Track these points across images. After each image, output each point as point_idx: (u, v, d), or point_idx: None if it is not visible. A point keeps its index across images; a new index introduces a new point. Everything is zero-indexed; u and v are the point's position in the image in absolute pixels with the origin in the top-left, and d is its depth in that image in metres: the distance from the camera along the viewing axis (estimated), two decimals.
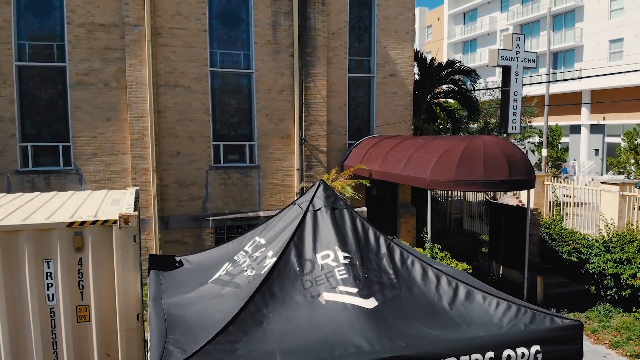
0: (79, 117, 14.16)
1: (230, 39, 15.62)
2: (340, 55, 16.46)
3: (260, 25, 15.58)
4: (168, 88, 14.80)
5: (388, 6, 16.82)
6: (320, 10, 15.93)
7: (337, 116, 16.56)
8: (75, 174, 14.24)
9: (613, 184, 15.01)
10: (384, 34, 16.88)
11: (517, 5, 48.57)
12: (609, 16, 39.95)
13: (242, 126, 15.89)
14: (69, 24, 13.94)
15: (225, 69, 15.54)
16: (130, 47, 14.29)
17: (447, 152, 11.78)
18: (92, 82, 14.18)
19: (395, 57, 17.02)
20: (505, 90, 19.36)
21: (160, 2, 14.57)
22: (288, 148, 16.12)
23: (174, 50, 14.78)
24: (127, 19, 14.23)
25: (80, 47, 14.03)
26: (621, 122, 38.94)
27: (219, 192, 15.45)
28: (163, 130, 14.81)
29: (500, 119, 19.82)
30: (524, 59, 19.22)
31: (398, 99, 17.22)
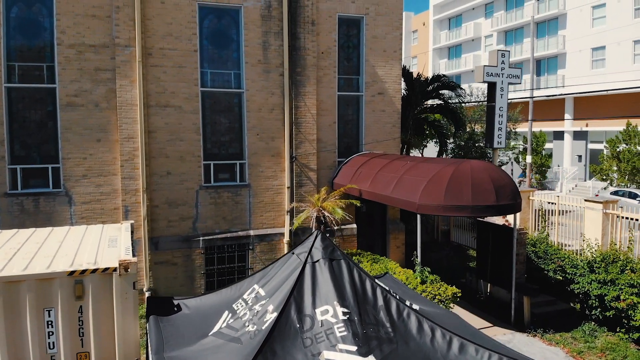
0: (69, 138, 14.15)
1: (221, 59, 15.70)
2: (330, 74, 16.61)
3: (251, 45, 15.67)
4: (159, 108, 14.84)
5: (376, 25, 17.00)
6: (310, 31, 16.06)
7: (326, 134, 16.72)
8: (65, 196, 14.23)
9: (597, 202, 15.30)
10: (372, 53, 17.06)
11: (501, 12, 49.11)
12: (592, 24, 40.59)
13: (232, 145, 15.98)
14: (59, 45, 13.91)
15: (216, 88, 15.62)
16: (121, 67, 14.30)
17: (436, 176, 12.00)
18: (82, 103, 14.17)
19: (384, 75, 17.21)
20: (490, 106, 19.65)
21: (151, 23, 14.60)
22: (278, 166, 16.24)
23: (164, 70, 14.82)
24: (118, 40, 14.24)
25: (70, 68, 14.02)
26: (604, 129, 39.58)
27: (209, 212, 15.52)
28: (153, 151, 14.85)
29: (486, 134, 20.14)
30: (509, 75, 19.52)
31: (386, 116, 17.41)
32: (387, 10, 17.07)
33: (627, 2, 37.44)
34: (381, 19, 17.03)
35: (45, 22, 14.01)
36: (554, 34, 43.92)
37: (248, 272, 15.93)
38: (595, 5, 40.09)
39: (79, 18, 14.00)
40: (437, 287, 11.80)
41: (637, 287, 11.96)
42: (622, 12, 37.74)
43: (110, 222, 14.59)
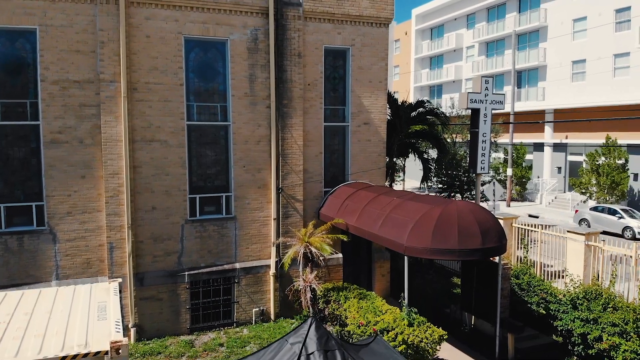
0: (53, 175, 13.98)
1: (208, 92, 15.64)
2: (316, 105, 16.65)
3: (238, 78, 15.64)
4: (144, 143, 14.73)
5: (362, 57, 17.07)
6: (297, 63, 16.07)
7: (313, 164, 16.74)
8: (49, 234, 14.05)
9: (579, 234, 15.53)
10: (358, 84, 17.14)
11: (483, 23, 49.60)
12: (572, 37, 41.21)
13: (219, 177, 15.93)
14: (43, 82, 13.74)
15: (202, 122, 15.56)
16: (106, 103, 14.17)
17: (423, 218, 12.10)
18: (66, 140, 14.01)
19: (369, 105, 17.30)
20: (474, 132, 19.80)
21: (137, 57, 14.49)
22: (265, 198, 16.23)
23: (150, 105, 14.72)
24: (103, 76, 14.10)
25: (54, 105, 13.85)
26: (583, 142, 40.17)
27: (194, 246, 15.45)
28: (139, 186, 14.74)
29: (470, 159, 20.28)
30: (492, 101, 19.68)
31: (372, 146, 17.50)
32: (373, 41, 17.15)
33: (608, 16, 38.08)
34: (367, 50, 17.11)
35: (28, 57, 13.83)
36: (535, 46, 44.50)
37: (234, 306, 15.90)
38: (576, 18, 40.71)
39: (63, 54, 13.84)
40: (424, 329, 11.90)
41: (619, 326, 12.18)
42: (603, 26, 38.36)
43: (95, 259, 14.51)
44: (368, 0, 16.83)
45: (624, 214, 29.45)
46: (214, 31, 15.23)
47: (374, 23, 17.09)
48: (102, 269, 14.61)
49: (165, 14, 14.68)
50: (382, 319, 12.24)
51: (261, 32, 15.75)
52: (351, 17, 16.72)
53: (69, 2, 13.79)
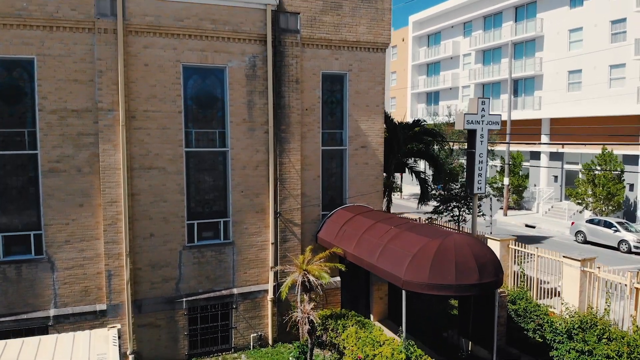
0: (51, 204, 13.99)
1: (206, 118, 15.68)
2: (314, 129, 16.70)
3: (236, 104, 15.68)
4: (142, 171, 14.76)
5: (359, 81, 17.14)
6: (295, 89, 16.13)
7: (311, 188, 16.80)
8: (47, 262, 14.08)
9: (575, 259, 15.63)
10: (356, 108, 17.20)
11: (480, 31, 49.73)
12: (568, 47, 41.36)
13: (217, 203, 15.97)
14: (41, 111, 13.75)
15: (200, 148, 15.60)
16: (104, 132, 14.20)
17: (421, 252, 12.17)
18: (64, 169, 14.03)
19: (367, 129, 17.37)
20: (470, 152, 19.95)
21: (135, 86, 14.51)
22: (263, 222, 16.28)
23: (148, 132, 14.75)
24: (101, 104, 14.12)
25: (52, 134, 13.86)
26: (579, 151, 40.33)
27: (192, 272, 15.49)
28: (137, 213, 14.77)
29: (467, 179, 20.44)
30: (488, 122, 19.82)
31: (369, 169, 17.57)
32: (370, 66, 17.22)
33: (603, 27, 38.24)
34: (364, 74, 17.18)
35: (26, 87, 13.84)
36: (531, 56, 44.65)
37: (232, 332, 15.96)
38: (572, 29, 40.87)
39: (61, 83, 13.86)
40: None
41: (614, 359, 12.28)
42: (599, 37, 38.53)
43: (94, 286, 14.55)
44: (365, 27, 16.89)
45: (619, 227, 29.59)
46: (212, 59, 15.27)
47: (371, 48, 17.16)
48: (100, 297, 14.63)
49: (163, 42, 14.70)
50: (380, 352, 12.31)
51: (259, 59, 15.80)
52: (348, 43, 16.78)
53: (67, 31, 13.80)
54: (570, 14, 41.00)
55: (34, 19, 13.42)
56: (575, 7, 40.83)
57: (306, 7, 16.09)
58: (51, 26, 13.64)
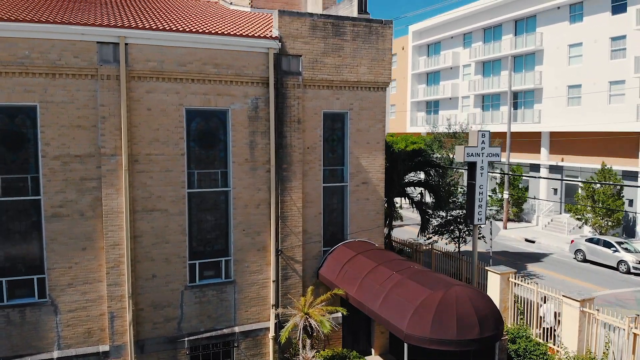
0: (54, 248, 14.11)
1: (208, 159, 15.78)
2: (315, 167, 16.82)
3: (238, 145, 15.79)
4: (145, 213, 14.87)
5: (360, 119, 17.25)
6: (296, 129, 16.23)
7: (312, 225, 16.92)
8: (51, 305, 14.19)
9: (574, 300, 15.76)
10: (356, 145, 17.31)
11: (480, 43, 49.80)
12: (568, 62, 41.45)
13: (218, 241, 16.08)
14: (44, 157, 13.86)
15: (203, 189, 15.71)
16: (107, 176, 14.30)
17: (423, 305, 12.32)
18: (67, 213, 14.14)
19: (367, 165, 17.48)
20: (471, 184, 20.09)
21: (138, 130, 14.62)
22: (264, 260, 16.40)
23: (151, 175, 14.85)
24: (104, 150, 14.23)
25: (55, 180, 13.97)
26: (579, 165, 40.49)
27: (194, 311, 15.61)
28: (139, 255, 14.88)
29: (467, 210, 20.57)
30: (489, 154, 19.96)
31: (370, 204, 17.69)
32: (371, 104, 17.34)
33: (603, 43, 38.34)
34: (365, 112, 17.29)
35: (29, 133, 13.93)
36: (531, 69, 44.73)
37: None
38: (572, 44, 40.97)
39: (64, 129, 13.96)
40: None
41: None
42: (599, 53, 38.63)
43: (97, 328, 14.69)
44: (366, 67, 16.99)
45: (619, 248, 29.71)
46: (215, 102, 15.37)
47: (371, 87, 17.27)
48: (103, 338, 14.76)
49: (166, 87, 14.80)
50: None
51: (262, 101, 15.90)
52: (349, 83, 16.89)
53: (69, 78, 13.90)
54: (570, 29, 41.08)
55: (37, 66, 13.53)
56: (575, 23, 40.91)
57: (308, 50, 16.18)
58: (54, 73, 13.74)
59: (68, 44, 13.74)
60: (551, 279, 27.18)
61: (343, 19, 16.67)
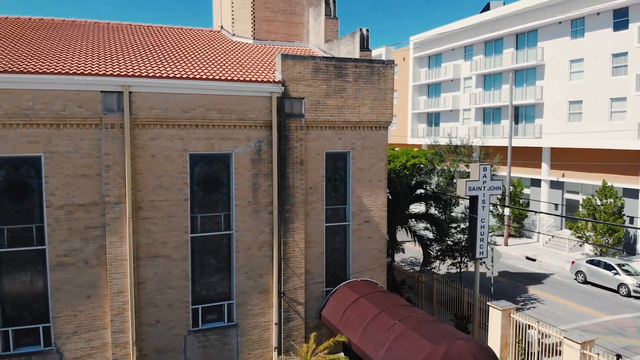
0: (59, 297, 14.18)
1: (212, 203, 15.85)
2: (318, 207, 16.87)
3: (241, 188, 15.85)
4: (148, 259, 14.94)
5: (362, 158, 17.31)
6: (299, 170, 16.29)
7: (314, 265, 16.98)
8: (56, 353, 14.27)
9: (575, 342, 15.79)
10: (359, 184, 17.37)
11: (481, 56, 49.79)
12: (569, 77, 41.43)
13: (221, 285, 16.14)
14: (49, 207, 13.93)
15: (206, 232, 15.77)
16: (111, 225, 14.36)
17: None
18: (72, 262, 14.21)
19: (369, 204, 17.54)
20: (472, 218, 20.15)
21: (142, 177, 14.68)
22: (266, 302, 16.46)
23: (155, 222, 14.92)
24: (108, 198, 14.29)
25: (60, 229, 14.04)
26: (580, 181, 40.53)
27: (197, 356, 15.67)
28: (143, 301, 14.95)
29: (468, 244, 20.62)
30: (490, 188, 20.03)
31: (373, 242, 17.76)
32: (373, 143, 17.39)
33: (605, 60, 38.33)
34: (367, 152, 17.35)
35: (33, 183, 13.99)
36: (532, 84, 44.73)
37: None
38: (573, 59, 40.96)
39: (69, 179, 14.03)
40: None
41: None
42: (600, 69, 38.63)
43: None
44: (368, 107, 17.05)
45: (619, 270, 29.74)
46: (218, 146, 15.44)
47: (373, 127, 17.33)
48: None
49: (170, 134, 14.87)
50: None
51: (265, 143, 15.96)
52: (352, 124, 16.95)
53: (74, 127, 13.96)
54: (571, 45, 41.08)
55: (41, 117, 13.60)
56: (576, 38, 40.92)
57: (311, 92, 16.25)
58: (58, 124, 13.81)
59: (72, 94, 13.80)
60: (552, 303, 27.24)
61: (345, 61, 16.73)
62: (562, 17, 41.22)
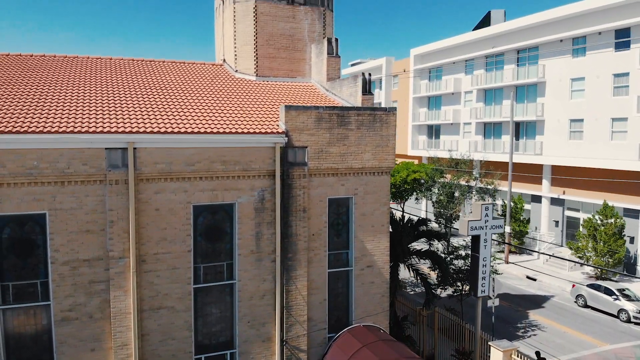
0: (64, 351, 14.25)
1: (214, 252, 15.91)
2: (320, 254, 16.95)
3: (244, 237, 15.92)
4: (152, 312, 15.01)
5: (365, 204, 17.37)
6: (302, 217, 16.36)
7: (317, 312, 17.05)
8: None
9: None
10: (361, 229, 17.44)
11: (481, 70, 49.85)
12: (570, 96, 41.49)
13: (223, 334, 16.21)
14: (53, 263, 13.99)
15: (208, 283, 15.84)
16: (115, 279, 14.43)
17: None
18: (76, 317, 14.28)
19: (372, 249, 17.61)
20: (474, 256, 20.24)
21: (145, 231, 14.75)
22: (269, 351, 16.53)
23: (158, 274, 14.99)
24: (112, 253, 14.36)
25: (64, 285, 14.11)
26: (580, 200, 40.62)
27: None
28: (146, 353, 15.02)
29: (470, 282, 20.71)
30: (492, 226, 20.12)
31: (375, 287, 17.82)
32: (375, 188, 17.45)
33: (606, 79, 38.37)
34: (369, 197, 17.41)
35: (38, 240, 14.05)
36: (533, 100, 44.79)
37: None
38: (575, 78, 41.00)
39: (73, 235, 14.09)
40: None
41: None
42: (601, 89, 38.67)
43: None
44: (370, 153, 17.11)
45: (619, 296, 29.84)
46: (222, 197, 15.51)
47: (376, 172, 17.39)
48: None
49: (174, 187, 14.93)
50: None
51: (268, 192, 16.03)
52: (354, 170, 17.02)
53: (78, 184, 14.03)
54: (572, 63, 41.14)
55: (45, 176, 13.65)
56: (577, 57, 40.98)
57: (314, 141, 16.31)
58: (62, 181, 13.87)
59: (77, 152, 13.86)
60: (552, 330, 27.36)
61: (348, 109, 16.79)
62: (564, 35, 41.26)
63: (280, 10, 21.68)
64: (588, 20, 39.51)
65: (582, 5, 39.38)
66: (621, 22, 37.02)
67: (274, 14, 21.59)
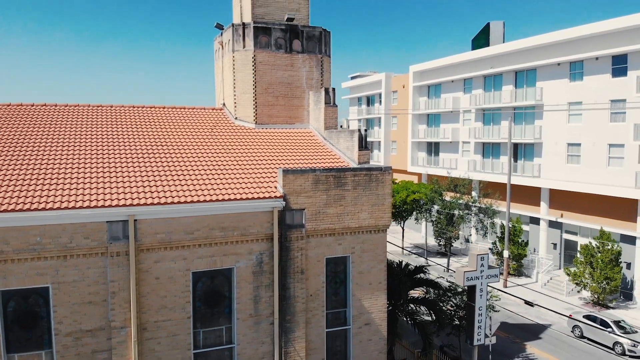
0: None
1: (213, 317, 16.19)
2: (318, 314, 17.22)
3: (243, 301, 16.20)
4: None
5: (362, 262, 17.66)
6: (299, 279, 16.64)
7: None
8: None
9: None
10: (359, 287, 17.72)
11: (480, 90, 50.07)
12: (568, 119, 41.72)
13: None
14: (57, 335, 14.29)
15: (208, 348, 16.11)
16: (117, 348, 14.72)
17: None
18: None
19: (370, 306, 17.88)
20: (470, 306, 20.49)
21: (146, 300, 15.03)
22: None
23: (158, 341, 15.28)
24: (114, 323, 14.65)
25: (68, 355, 14.40)
26: (578, 224, 40.88)
27: None
28: None
29: (467, 331, 20.96)
30: (487, 276, 20.37)
31: (373, 344, 18.10)
32: (372, 246, 17.74)
33: (603, 105, 38.55)
34: (366, 255, 17.69)
35: (42, 312, 14.34)
36: (531, 122, 45.03)
37: None
38: (573, 102, 41.21)
39: (76, 307, 14.38)
40: None
41: None
42: (598, 114, 38.89)
43: None
44: (367, 212, 17.38)
45: (615, 328, 30.09)
46: (221, 262, 15.79)
47: (372, 230, 17.67)
48: None
49: (174, 255, 15.21)
50: None
51: (266, 255, 16.31)
52: (351, 229, 17.30)
53: (80, 258, 14.31)
54: (570, 87, 41.37)
55: (48, 251, 13.93)
56: (575, 81, 41.20)
57: (311, 203, 16.59)
58: (65, 255, 14.16)
59: (79, 226, 14.14)
60: None
61: (344, 171, 17.07)
62: (561, 59, 41.50)
63: (279, 59, 21.95)
64: (585, 46, 39.76)
65: (580, 31, 39.65)
66: (618, 48, 37.26)
67: (272, 62, 21.85)
